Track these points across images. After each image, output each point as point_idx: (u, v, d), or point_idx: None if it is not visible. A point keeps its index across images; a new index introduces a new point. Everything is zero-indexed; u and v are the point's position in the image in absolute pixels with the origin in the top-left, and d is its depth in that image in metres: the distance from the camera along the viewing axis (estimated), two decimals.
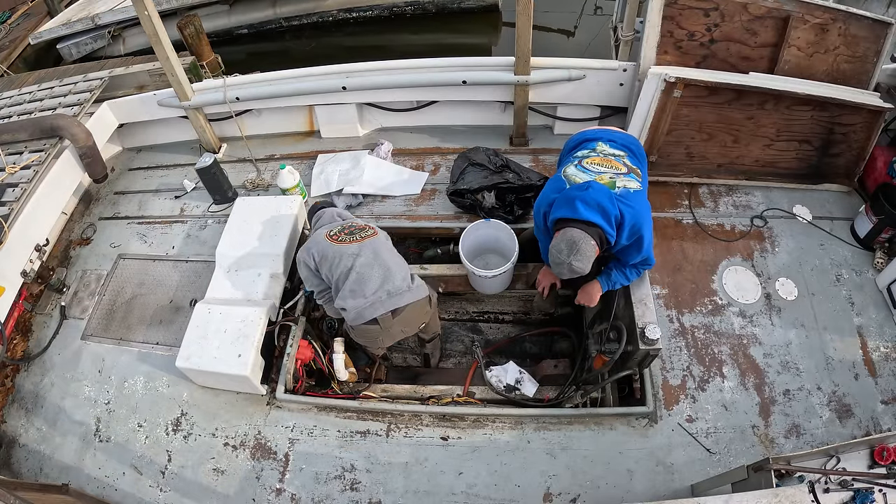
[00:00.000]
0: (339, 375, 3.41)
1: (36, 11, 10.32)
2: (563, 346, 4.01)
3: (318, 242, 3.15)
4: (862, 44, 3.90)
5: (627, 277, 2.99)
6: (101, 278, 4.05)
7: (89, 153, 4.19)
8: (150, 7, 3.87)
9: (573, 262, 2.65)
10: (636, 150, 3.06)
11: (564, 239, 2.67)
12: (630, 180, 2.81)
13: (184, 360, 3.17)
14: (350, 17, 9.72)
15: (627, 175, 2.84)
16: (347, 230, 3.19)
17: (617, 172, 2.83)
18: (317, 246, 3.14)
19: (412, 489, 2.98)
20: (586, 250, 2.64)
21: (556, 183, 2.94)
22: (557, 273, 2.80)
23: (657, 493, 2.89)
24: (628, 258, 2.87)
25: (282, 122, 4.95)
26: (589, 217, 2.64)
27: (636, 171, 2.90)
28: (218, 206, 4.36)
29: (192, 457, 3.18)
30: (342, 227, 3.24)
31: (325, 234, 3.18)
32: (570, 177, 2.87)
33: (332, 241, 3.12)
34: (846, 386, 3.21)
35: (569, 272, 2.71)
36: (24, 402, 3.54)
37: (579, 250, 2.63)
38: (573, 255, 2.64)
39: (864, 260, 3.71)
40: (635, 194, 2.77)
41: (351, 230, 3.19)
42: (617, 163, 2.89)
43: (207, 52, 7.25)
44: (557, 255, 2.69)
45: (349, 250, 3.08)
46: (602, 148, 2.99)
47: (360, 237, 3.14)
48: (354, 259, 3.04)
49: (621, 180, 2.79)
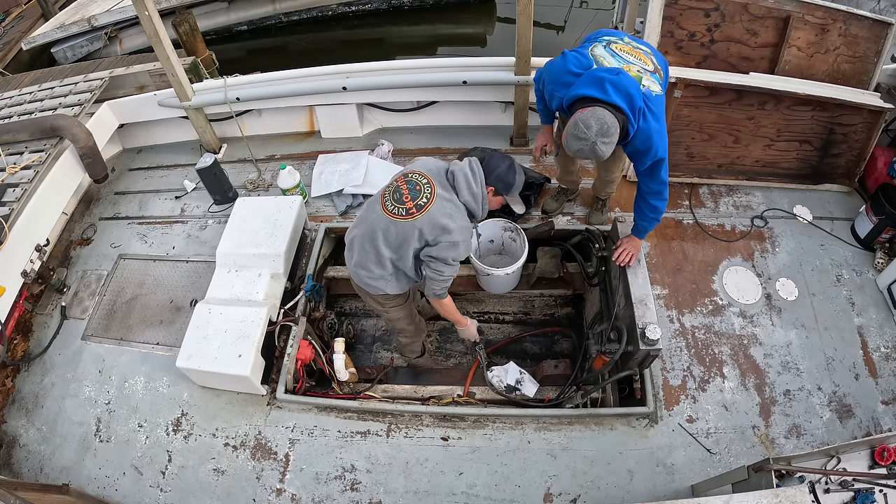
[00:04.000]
0: (339, 376, 3.41)
1: (30, 14, 10.27)
2: (564, 346, 4.01)
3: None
4: (862, 44, 3.90)
5: (647, 216, 2.98)
6: (102, 278, 4.06)
7: (90, 153, 4.19)
8: (150, 7, 3.87)
9: (598, 142, 2.53)
10: (657, 54, 2.96)
11: (595, 116, 2.51)
12: (654, 82, 2.72)
13: (184, 360, 3.17)
14: (349, 10, 9.78)
15: (653, 74, 2.75)
16: (400, 193, 2.79)
17: (644, 68, 2.73)
18: None
19: (412, 489, 2.98)
20: (614, 135, 2.54)
21: (579, 59, 2.75)
22: (575, 150, 2.63)
23: (657, 494, 2.89)
24: (639, 165, 2.81)
25: (282, 122, 4.95)
26: (618, 102, 2.53)
27: (660, 72, 2.82)
28: (218, 207, 4.36)
29: (192, 457, 3.18)
30: (400, 185, 2.82)
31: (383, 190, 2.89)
32: (598, 56, 2.72)
33: (382, 204, 2.83)
34: (847, 386, 3.22)
35: (590, 152, 2.58)
36: (24, 403, 3.54)
37: (608, 132, 2.52)
38: (601, 136, 2.51)
39: (865, 260, 3.71)
40: (657, 98, 2.69)
41: (401, 196, 2.78)
42: (645, 57, 2.79)
43: (202, 49, 7.27)
44: (585, 132, 2.53)
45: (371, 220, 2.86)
46: (628, 40, 2.88)
47: (400, 213, 2.75)
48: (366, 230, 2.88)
49: (647, 78, 2.70)
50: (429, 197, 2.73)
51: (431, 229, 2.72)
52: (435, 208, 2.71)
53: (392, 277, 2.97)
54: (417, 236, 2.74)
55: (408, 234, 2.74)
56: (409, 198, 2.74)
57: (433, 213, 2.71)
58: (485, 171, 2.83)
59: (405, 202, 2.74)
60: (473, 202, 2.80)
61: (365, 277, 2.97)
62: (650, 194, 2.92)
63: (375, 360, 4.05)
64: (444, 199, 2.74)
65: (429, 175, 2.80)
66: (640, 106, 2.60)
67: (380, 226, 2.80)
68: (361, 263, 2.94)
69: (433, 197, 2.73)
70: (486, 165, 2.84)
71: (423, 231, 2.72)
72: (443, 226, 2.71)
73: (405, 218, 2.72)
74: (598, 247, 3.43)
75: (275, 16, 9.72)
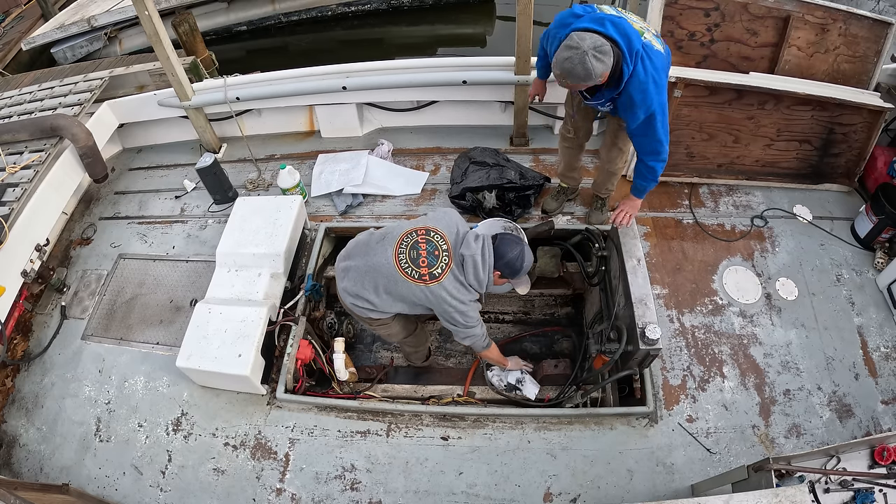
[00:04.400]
0: (339, 375, 3.41)
1: (30, 14, 10.26)
2: (564, 345, 4.01)
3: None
4: (862, 44, 3.91)
5: (645, 176, 3.03)
6: (102, 278, 4.06)
7: (90, 153, 4.19)
8: (150, 7, 3.87)
9: (590, 54, 2.50)
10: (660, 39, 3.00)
11: (591, 36, 2.54)
12: (655, 41, 2.75)
13: (184, 359, 3.17)
14: (349, 10, 9.77)
15: (655, 35, 2.79)
16: (418, 254, 2.76)
17: (646, 28, 2.78)
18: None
19: (412, 489, 2.98)
20: (607, 55, 2.53)
21: (585, 7, 2.80)
22: (566, 69, 2.58)
23: (657, 493, 2.89)
24: (632, 121, 2.81)
25: (282, 122, 4.95)
26: (615, 36, 2.57)
27: (662, 39, 2.86)
28: (218, 206, 4.36)
29: (192, 457, 3.18)
30: (420, 243, 2.78)
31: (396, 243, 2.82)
32: (603, 8, 2.77)
33: (396, 256, 2.79)
34: (846, 386, 3.22)
35: (581, 68, 2.53)
36: (24, 402, 3.54)
37: (602, 49, 2.51)
38: (593, 49, 2.50)
39: (865, 260, 3.71)
40: (657, 53, 2.71)
41: (418, 258, 2.75)
42: (647, 25, 2.85)
43: (201, 49, 7.26)
44: (578, 42, 2.51)
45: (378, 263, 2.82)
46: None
47: (412, 275, 2.73)
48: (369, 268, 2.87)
49: (650, 35, 2.74)
50: (443, 269, 2.72)
51: (440, 303, 2.76)
52: (446, 283, 2.72)
53: (384, 305, 2.94)
54: (424, 299, 2.78)
55: (415, 294, 2.77)
56: (425, 263, 2.73)
57: (444, 287, 2.72)
58: (495, 254, 2.77)
59: (420, 267, 2.73)
60: (478, 286, 2.79)
61: (350, 303, 2.97)
62: (646, 154, 2.94)
63: (375, 359, 4.05)
64: (454, 277, 2.73)
65: (449, 243, 2.77)
66: (638, 49, 2.61)
67: (387, 274, 2.79)
68: (353, 292, 2.92)
69: (447, 270, 2.72)
70: (497, 248, 2.78)
71: (430, 298, 2.76)
72: (451, 303, 2.75)
73: (416, 281, 2.73)
74: (597, 246, 3.43)
75: (274, 16, 9.72)
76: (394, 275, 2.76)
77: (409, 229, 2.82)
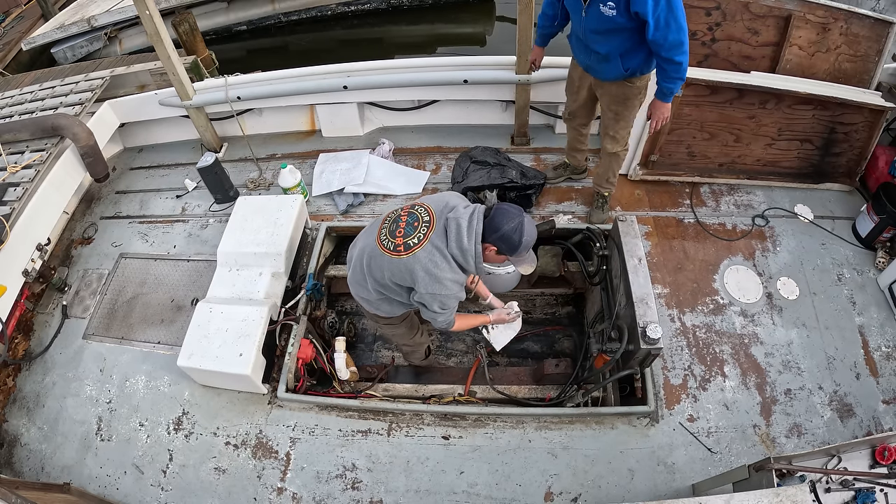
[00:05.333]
0: (340, 374, 3.41)
1: (30, 14, 10.27)
2: (565, 345, 4.01)
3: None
4: (863, 43, 3.90)
5: (671, 76, 2.98)
6: (103, 277, 4.06)
7: (91, 152, 4.19)
8: (150, 6, 3.87)
9: None
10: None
11: None
12: None
13: (185, 359, 3.17)
14: (348, 10, 9.79)
15: None
16: (397, 225, 2.55)
17: None
18: None
19: (413, 488, 2.98)
20: None
21: None
22: None
23: (658, 493, 2.89)
24: (649, 8, 2.73)
25: (283, 121, 4.96)
26: None
27: None
28: (219, 206, 4.37)
29: (193, 456, 3.18)
30: (402, 216, 2.57)
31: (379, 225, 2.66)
32: None
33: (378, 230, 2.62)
34: (847, 385, 3.22)
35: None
36: (25, 402, 3.54)
37: None
38: None
39: (866, 259, 3.71)
40: None
41: (395, 229, 2.54)
42: None
43: (202, 48, 7.27)
44: None
45: (367, 243, 2.68)
46: None
47: (388, 246, 2.52)
48: (360, 251, 2.74)
49: None
50: (420, 239, 2.45)
51: (413, 275, 2.48)
52: (421, 254, 2.44)
53: (380, 303, 2.81)
54: (400, 277, 2.55)
55: (394, 270, 2.53)
56: (401, 234, 2.49)
57: (419, 258, 2.44)
58: (488, 226, 2.46)
59: (396, 237, 2.50)
60: (461, 256, 2.46)
61: (356, 293, 2.90)
62: (672, 48, 2.86)
63: (376, 359, 4.05)
64: (435, 247, 2.45)
65: (434, 214, 2.51)
66: None
67: (370, 252, 2.63)
68: (354, 280, 2.85)
69: (425, 240, 2.45)
70: (491, 220, 2.46)
71: (405, 275, 2.51)
72: (426, 280, 2.46)
73: (391, 254, 2.49)
74: (599, 245, 3.43)
75: (274, 16, 9.74)
76: (373, 251, 2.59)
77: (397, 208, 2.68)
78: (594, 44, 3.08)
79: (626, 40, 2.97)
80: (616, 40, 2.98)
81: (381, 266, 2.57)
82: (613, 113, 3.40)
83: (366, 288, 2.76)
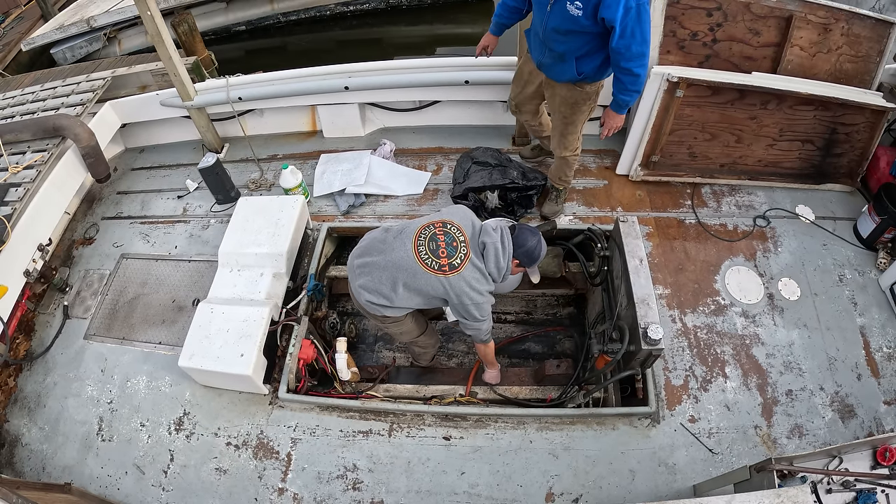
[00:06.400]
0: (341, 375, 3.41)
1: (29, 15, 10.28)
2: (566, 345, 4.01)
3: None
4: (865, 43, 3.90)
5: (629, 88, 2.99)
6: (104, 278, 4.06)
7: (92, 153, 4.20)
8: (152, 7, 3.87)
9: None
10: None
11: None
12: None
13: (186, 359, 3.17)
14: (347, 10, 9.80)
15: None
16: (437, 245, 2.79)
17: None
18: None
19: (414, 489, 2.98)
20: None
21: None
22: None
23: (659, 494, 2.89)
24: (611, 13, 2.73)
25: (284, 122, 4.96)
26: None
27: None
28: (220, 206, 4.37)
29: (194, 456, 3.18)
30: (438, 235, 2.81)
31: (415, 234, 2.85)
32: None
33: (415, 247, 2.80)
34: (849, 386, 3.21)
35: None
36: (26, 402, 3.55)
37: None
38: None
39: (867, 260, 3.71)
40: None
41: (437, 249, 2.78)
42: None
43: (201, 49, 7.28)
44: None
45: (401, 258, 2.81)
46: None
47: (432, 265, 2.74)
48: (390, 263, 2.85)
49: None
50: (462, 259, 2.75)
51: (458, 294, 2.76)
52: (466, 273, 2.74)
53: (397, 307, 2.96)
54: (442, 292, 2.78)
55: (434, 286, 2.77)
56: (445, 254, 2.75)
57: (464, 277, 2.74)
58: (515, 244, 2.83)
59: (440, 257, 2.75)
60: (497, 274, 2.82)
61: (367, 299, 2.93)
62: (633, 59, 2.87)
63: (377, 359, 4.05)
64: (474, 266, 2.76)
65: (466, 235, 2.81)
66: None
67: (407, 268, 2.78)
68: (370, 288, 2.89)
69: (466, 261, 2.75)
70: (517, 238, 2.83)
71: (449, 291, 2.76)
72: (469, 294, 2.77)
73: (436, 272, 2.73)
74: (600, 246, 3.42)
75: (273, 16, 9.75)
76: (413, 268, 2.76)
77: (427, 223, 2.86)
78: (552, 42, 3.08)
79: (586, 43, 2.98)
80: (576, 42, 2.99)
81: (424, 284, 2.78)
82: (562, 116, 3.44)
83: (391, 298, 2.87)
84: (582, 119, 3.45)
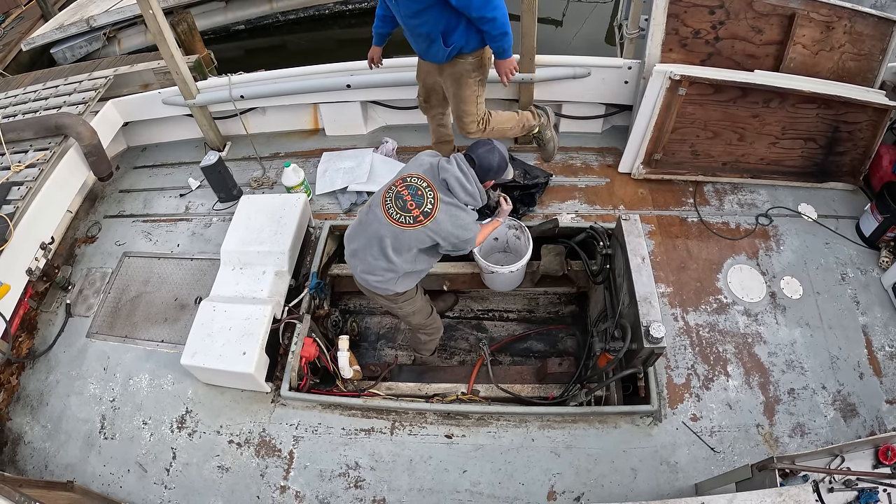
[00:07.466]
0: (343, 373, 3.41)
1: (30, 15, 10.28)
2: (568, 344, 4.01)
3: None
4: (867, 41, 3.89)
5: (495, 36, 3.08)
6: (107, 276, 4.07)
7: (94, 151, 4.20)
8: (154, 6, 3.87)
9: None
10: None
11: None
12: None
13: (189, 357, 3.18)
14: (346, 9, 9.78)
15: None
16: (404, 201, 2.84)
17: None
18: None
19: (416, 487, 2.99)
20: None
21: None
22: None
23: (661, 492, 2.89)
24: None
25: (286, 120, 4.96)
26: None
27: None
28: (223, 204, 4.37)
29: (196, 454, 3.19)
30: (401, 192, 2.87)
31: (383, 191, 2.94)
32: None
33: (385, 211, 2.86)
34: (851, 385, 3.21)
35: None
36: (29, 400, 3.56)
37: None
38: None
39: (870, 259, 3.70)
40: None
41: (405, 204, 2.83)
42: None
43: (200, 48, 7.26)
44: None
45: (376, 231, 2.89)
46: None
47: (407, 220, 2.80)
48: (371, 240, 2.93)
49: None
50: (432, 202, 2.81)
51: (444, 237, 2.84)
52: (441, 216, 2.80)
53: (403, 278, 3.02)
54: (428, 240, 2.85)
55: (419, 238, 2.83)
56: (414, 205, 2.82)
57: (441, 220, 2.80)
58: (480, 166, 2.90)
59: (411, 210, 2.81)
60: (472, 200, 2.92)
61: (373, 282, 3.01)
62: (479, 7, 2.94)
63: (379, 357, 4.05)
64: (448, 204, 2.83)
65: (428, 179, 2.87)
66: None
67: (386, 234, 2.86)
68: (370, 270, 2.98)
69: (437, 203, 2.81)
70: (479, 161, 2.90)
71: (435, 236, 2.84)
72: (454, 233, 2.85)
73: (413, 226, 2.80)
74: (602, 244, 3.42)
75: (272, 15, 9.75)
76: (393, 230, 2.83)
77: (388, 186, 2.93)
78: (415, 28, 3.19)
79: (440, 16, 3.06)
80: (432, 18, 3.08)
81: (409, 240, 2.84)
82: (452, 94, 3.50)
83: (390, 269, 2.93)
84: (471, 91, 3.46)
